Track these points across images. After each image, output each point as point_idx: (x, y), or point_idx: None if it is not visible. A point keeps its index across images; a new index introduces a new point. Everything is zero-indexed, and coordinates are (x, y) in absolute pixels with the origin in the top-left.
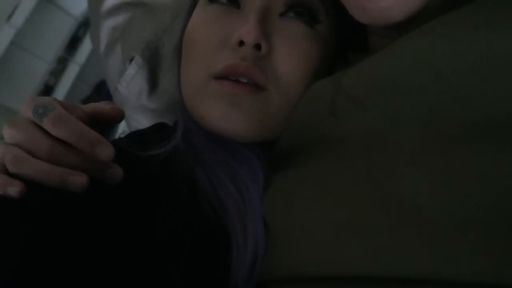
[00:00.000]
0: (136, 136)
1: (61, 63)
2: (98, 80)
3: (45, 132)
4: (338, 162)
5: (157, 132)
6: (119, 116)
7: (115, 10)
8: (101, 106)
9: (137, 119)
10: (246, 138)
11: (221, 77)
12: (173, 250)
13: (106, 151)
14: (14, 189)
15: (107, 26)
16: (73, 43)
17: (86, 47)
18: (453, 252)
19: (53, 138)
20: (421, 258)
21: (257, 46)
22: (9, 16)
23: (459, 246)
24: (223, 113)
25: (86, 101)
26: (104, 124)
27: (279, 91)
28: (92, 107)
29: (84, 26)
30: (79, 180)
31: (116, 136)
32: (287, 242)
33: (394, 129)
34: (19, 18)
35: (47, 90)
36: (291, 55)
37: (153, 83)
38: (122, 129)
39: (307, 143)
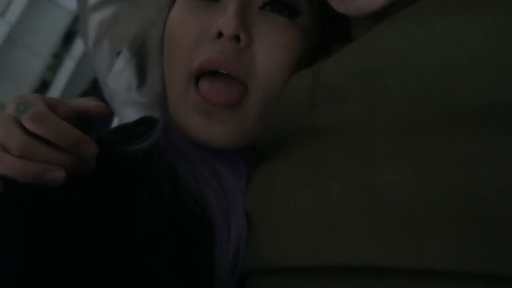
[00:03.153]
0: (120, 130)
1: (57, 58)
2: (94, 75)
3: (24, 128)
4: (318, 153)
5: (142, 125)
6: (103, 113)
7: (101, 4)
8: (86, 103)
9: (129, 114)
10: (227, 148)
11: (200, 75)
12: (155, 246)
13: (90, 149)
14: None
15: (94, 20)
16: (69, 38)
17: (81, 41)
18: (425, 242)
19: (29, 134)
20: (393, 248)
21: (236, 38)
22: (3, 12)
23: (431, 236)
24: (202, 127)
25: (83, 95)
26: (90, 120)
27: (259, 84)
28: (77, 104)
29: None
30: (56, 174)
31: None
32: (266, 234)
33: (372, 119)
34: (13, 14)
35: (44, 85)
36: (271, 47)
37: (141, 77)
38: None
39: (289, 135)
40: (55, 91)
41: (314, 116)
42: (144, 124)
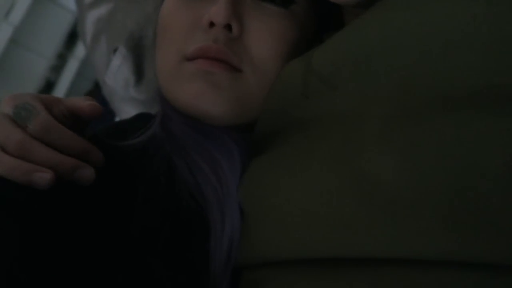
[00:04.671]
0: (116, 126)
1: (61, 59)
2: None
3: (18, 126)
4: (310, 143)
5: (138, 121)
6: (97, 113)
7: (98, 1)
8: (80, 102)
9: (127, 111)
10: (224, 119)
11: (193, 57)
12: (150, 242)
13: (97, 156)
14: None
15: (91, 17)
16: (72, 38)
17: None
18: (415, 229)
19: (25, 133)
20: (385, 237)
21: (228, 27)
22: (7, 14)
23: (420, 223)
24: (199, 92)
25: (87, 95)
26: (85, 120)
27: (255, 72)
28: (71, 103)
29: None
30: (44, 176)
31: None
32: (260, 227)
33: (363, 107)
34: (16, 15)
35: (48, 86)
36: (264, 36)
37: (139, 73)
38: None
39: (282, 126)
40: (59, 92)
41: (306, 105)
42: (140, 120)
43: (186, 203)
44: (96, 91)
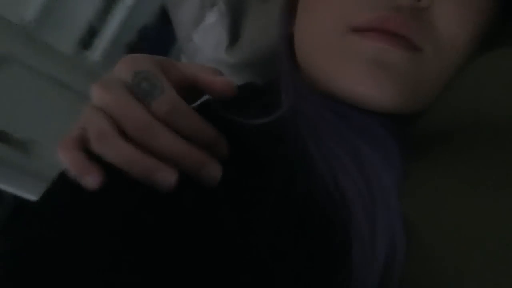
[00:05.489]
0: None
1: (108, 3)
2: (142, 25)
3: (140, 102)
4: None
5: (249, 93)
6: (231, 94)
7: None
8: (209, 76)
9: None
10: (390, 109)
11: (364, 29)
12: (282, 251)
13: (225, 149)
14: (91, 180)
15: None
16: None
17: None
18: None
19: (149, 113)
20: None
21: None
22: None
23: None
24: (370, 77)
25: (129, 47)
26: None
27: (438, 54)
28: (196, 73)
29: None
30: (168, 178)
31: None
32: (435, 253)
33: None
34: None
35: (91, 32)
36: (458, 9)
37: (234, 34)
38: None
39: (473, 129)
40: (103, 38)
41: None
42: (252, 92)
43: (323, 206)
44: (138, 43)
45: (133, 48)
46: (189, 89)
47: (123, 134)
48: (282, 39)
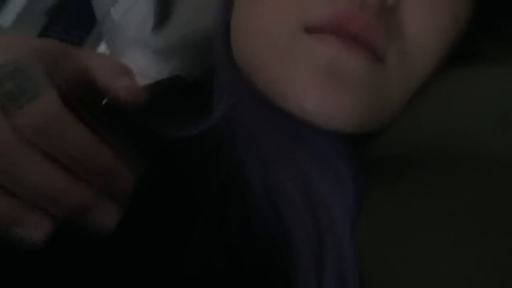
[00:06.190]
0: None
1: None
2: None
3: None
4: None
5: (181, 93)
6: (137, 105)
7: None
8: (111, 80)
9: (131, 57)
10: (344, 130)
11: (318, 29)
12: None
13: (128, 183)
14: None
15: None
16: None
17: None
18: None
19: (10, 129)
20: None
21: None
22: None
23: None
24: (317, 89)
25: (50, 13)
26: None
27: (403, 64)
28: (93, 68)
29: None
30: (33, 229)
31: None
32: None
33: None
34: None
35: None
36: (430, 13)
37: (163, 12)
38: None
39: (439, 154)
40: (15, 4)
41: (495, 139)
42: (179, 89)
43: (261, 239)
44: (61, 9)
45: (54, 16)
46: (89, 89)
47: None
48: (219, 27)
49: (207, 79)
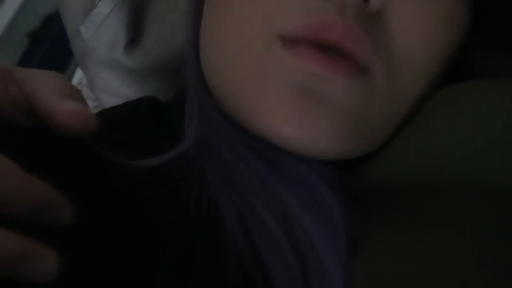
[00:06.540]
0: (111, 118)
1: None
2: (49, 12)
3: None
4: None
5: (147, 116)
6: (88, 130)
7: None
8: (52, 104)
9: (105, 77)
10: (325, 156)
11: (294, 40)
12: None
13: (65, 214)
14: None
15: None
16: None
17: None
18: None
19: None
20: None
21: None
22: None
23: None
24: (292, 110)
25: (32, 36)
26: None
27: (391, 77)
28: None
29: None
30: None
31: None
32: None
33: None
34: None
35: None
36: (422, 17)
37: (135, 31)
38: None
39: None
40: None
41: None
42: (148, 111)
43: (235, 285)
44: (42, 32)
45: (36, 38)
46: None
47: None
48: (190, 45)
49: (178, 102)
